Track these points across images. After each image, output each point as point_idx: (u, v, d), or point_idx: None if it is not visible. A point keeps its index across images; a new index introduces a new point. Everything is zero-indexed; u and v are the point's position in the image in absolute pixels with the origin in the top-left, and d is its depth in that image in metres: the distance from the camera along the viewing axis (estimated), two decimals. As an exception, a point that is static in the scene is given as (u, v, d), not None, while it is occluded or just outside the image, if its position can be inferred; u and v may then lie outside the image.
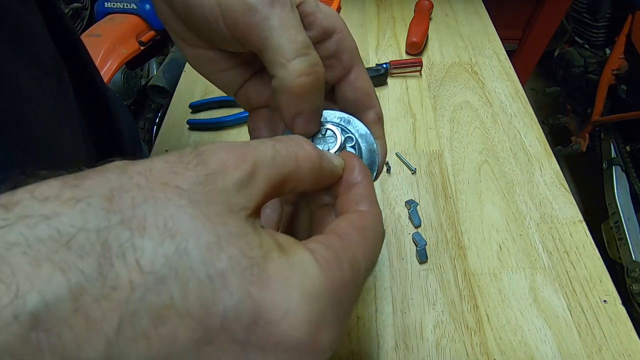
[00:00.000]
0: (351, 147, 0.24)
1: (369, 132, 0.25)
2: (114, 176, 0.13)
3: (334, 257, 0.15)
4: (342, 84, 0.25)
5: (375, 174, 0.25)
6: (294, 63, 0.19)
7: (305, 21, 0.22)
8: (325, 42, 0.23)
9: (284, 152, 0.16)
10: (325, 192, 0.21)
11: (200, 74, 0.25)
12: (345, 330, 0.15)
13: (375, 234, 0.18)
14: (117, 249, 0.11)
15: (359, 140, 0.25)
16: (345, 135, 0.24)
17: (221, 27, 0.20)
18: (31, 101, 0.25)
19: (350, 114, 0.25)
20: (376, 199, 0.20)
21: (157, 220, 0.12)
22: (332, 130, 0.24)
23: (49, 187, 0.12)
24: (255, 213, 0.15)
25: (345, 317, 0.15)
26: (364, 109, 0.25)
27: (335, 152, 0.23)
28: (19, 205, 0.11)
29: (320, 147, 0.23)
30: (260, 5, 0.19)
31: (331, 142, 0.24)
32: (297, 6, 0.22)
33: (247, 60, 0.25)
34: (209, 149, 0.14)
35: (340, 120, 0.25)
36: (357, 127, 0.25)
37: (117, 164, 0.13)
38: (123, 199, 0.12)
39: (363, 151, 0.25)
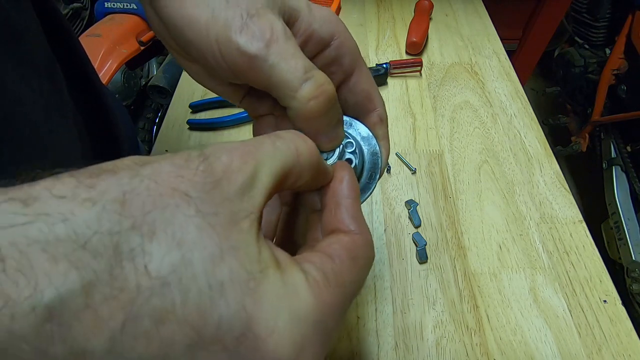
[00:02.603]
0: (351, 152, 0.24)
1: (371, 134, 0.25)
2: (126, 178, 0.13)
3: (325, 281, 0.16)
4: (343, 88, 0.25)
5: (378, 176, 0.25)
6: (300, 91, 0.19)
7: (302, 38, 0.22)
8: (325, 50, 0.23)
9: (285, 147, 0.17)
10: (318, 198, 0.22)
11: (200, 84, 0.25)
12: (326, 353, 0.16)
13: (364, 262, 0.18)
14: (128, 252, 0.12)
15: (361, 143, 0.25)
16: (346, 141, 0.24)
17: (223, 67, 0.20)
18: (21, 101, 0.25)
19: (352, 117, 0.25)
20: (364, 219, 0.20)
21: (166, 227, 0.13)
22: None
23: (65, 185, 0.12)
24: (259, 217, 0.15)
25: (328, 340, 0.16)
26: (366, 111, 0.25)
27: (334, 160, 0.23)
28: (38, 201, 0.12)
29: None
30: (258, 52, 0.19)
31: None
32: (293, 23, 0.22)
33: None
34: (214, 153, 0.15)
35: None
36: (359, 129, 0.25)
37: (128, 163, 0.14)
38: (134, 204, 0.13)
39: (365, 154, 0.25)
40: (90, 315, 0.11)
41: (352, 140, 0.24)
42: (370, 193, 0.25)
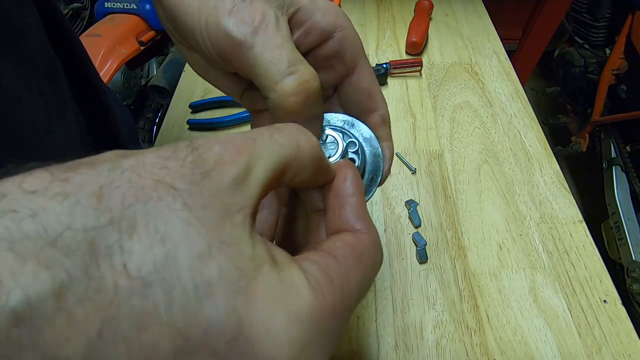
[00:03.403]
0: (353, 152, 0.23)
1: (373, 135, 0.24)
2: (105, 171, 0.12)
3: (328, 281, 0.15)
4: (344, 85, 0.24)
5: (380, 179, 0.24)
6: (281, 84, 0.19)
7: (303, 29, 0.22)
8: (327, 42, 0.22)
9: (283, 139, 0.16)
10: (320, 196, 0.21)
11: (202, 77, 0.25)
12: (330, 357, 0.15)
13: (371, 262, 0.17)
14: (105, 249, 0.11)
15: (363, 144, 0.24)
16: (348, 141, 0.23)
17: (212, 53, 0.20)
18: (20, 101, 0.25)
19: (354, 117, 0.24)
20: (370, 218, 0.19)
21: (148, 222, 0.12)
22: (334, 136, 0.23)
23: (37, 180, 0.11)
24: (253, 212, 0.14)
25: (332, 343, 0.15)
26: (367, 111, 0.24)
27: (337, 158, 0.22)
28: (7, 197, 0.11)
29: None
30: (244, 37, 0.19)
31: (332, 149, 0.23)
32: (293, 14, 0.21)
33: None
34: (205, 143, 0.14)
35: (344, 123, 0.24)
36: (361, 130, 0.24)
37: (109, 156, 0.13)
38: (113, 197, 0.12)
39: (367, 156, 0.24)
40: (63, 319, 0.10)
41: (354, 140, 0.23)
42: (371, 196, 0.24)
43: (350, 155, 0.23)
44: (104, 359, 0.11)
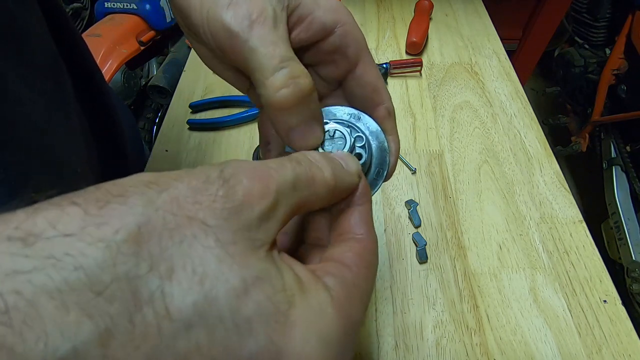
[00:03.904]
0: (361, 147, 0.23)
1: (379, 128, 0.24)
2: (139, 208, 0.12)
3: (347, 295, 0.15)
4: (348, 79, 0.24)
5: (386, 173, 0.24)
6: (271, 78, 0.19)
7: (304, 24, 0.22)
8: (328, 38, 0.23)
9: (304, 176, 0.16)
10: None
11: (211, 70, 0.26)
12: None
13: (375, 268, 0.18)
14: (148, 296, 0.11)
15: (369, 138, 0.24)
16: (355, 135, 0.23)
17: (212, 44, 0.21)
18: (21, 101, 0.25)
19: (360, 110, 0.24)
20: (373, 223, 0.20)
21: (185, 263, 0.12)
22: (341, 131, 0.23)
23: (70, 218, 0.11)
24: (274, 245, 0.15)
25: (351, 349, 0.16)
26: (373, 105, 0.24)
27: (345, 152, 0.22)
28: (41, 240, 0.11)
29: (329, 149, 0.22)
30: (240, 30, 0.19)
31: (340, 144, 0.23)
32: (294, 10, 0.21)
33: None
34: (235, 174, 0.14)
35: (350, 116, 0.24)
36: (368, 123, 0.24)
37: (137, 185, 0.13)
38: (152, 241, 0.12)
39: (373, 150, 0.24)
40: None
41: (361, 135, 0.23)
42: (376, 191, 0.24)
43: (358, 150, 0.23)
44: None
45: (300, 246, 0.22)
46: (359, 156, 0.23)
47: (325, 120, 0.23)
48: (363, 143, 0.23)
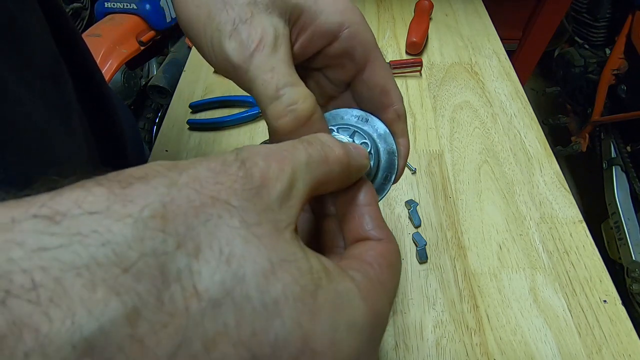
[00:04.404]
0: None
1: (388, 131, 0.23)
2: (162, 187, 0.12)
3: (373, 288, 0.15)
4: (356, 81, 0.24)
5: (394, 176, 0.24)
6: (270, 107, 0.19)
7: (307, 33, 0.22)
8: (333, 43, 0.22)
9: (317, 155, 0.16)
10: (331, 202, 0.21)
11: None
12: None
13: (399, 269, 0.18)
14: (175, 273, 0.11)
15: (377, 140, 0.23)
16: (361, 141, 0.22)
17: (219, 69, 0.21)
18: (21, 101, 0.25)
19: (369, 112, 0.24)
20: (387, 225, 0.20)
21: (212, 242, 0.12)
22: (343, 137, 0.22)
23: (96, 198, 0.11)
24: (296, 227, 0.15)
25: (378, 346, 0.15)
26: (382, 107, 0.24)
27: None
28: (67, 218, 0.10)
29: None
30: (241, 62, 0.19)
31: None
32: (297, 19, 0.21)
33: None
34: (250, 157, 0.14)
35: (357, 119, 0.24)
36: (376, 126, 0.24)
37: (158, 169, 0.13)
38: (177, 219, 0.12)
39: (381, 153, 0.23)
40: (136, 346, 0.10)
41: (367, 141, 0.23)
42: (385, 195, 0.24)
43: None
44: None
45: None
46: None
47: (330, 127, 0.22)
48: (369, 149, 0.22)
